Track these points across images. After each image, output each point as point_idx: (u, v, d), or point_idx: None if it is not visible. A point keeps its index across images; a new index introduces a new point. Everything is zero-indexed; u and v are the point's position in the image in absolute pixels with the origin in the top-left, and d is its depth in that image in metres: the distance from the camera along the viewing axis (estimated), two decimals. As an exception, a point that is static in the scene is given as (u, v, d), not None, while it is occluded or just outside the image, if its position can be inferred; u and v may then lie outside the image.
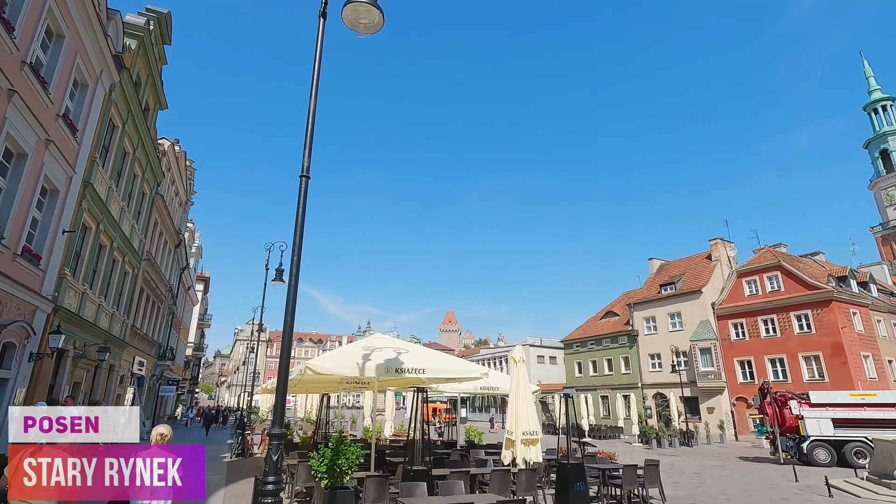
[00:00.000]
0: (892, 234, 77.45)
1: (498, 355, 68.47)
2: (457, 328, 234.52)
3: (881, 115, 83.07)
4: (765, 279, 35.08)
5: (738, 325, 35.59)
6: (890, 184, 79.10)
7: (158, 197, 23.01)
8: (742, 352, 34.90)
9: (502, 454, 10.44)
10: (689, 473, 17.44)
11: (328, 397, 16.00)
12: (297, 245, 5.40)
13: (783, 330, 33.03)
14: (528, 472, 9.52)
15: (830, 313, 30.94)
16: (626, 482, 10.49)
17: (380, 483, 7.92)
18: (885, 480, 13.41)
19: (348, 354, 9.58)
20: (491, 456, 13.36)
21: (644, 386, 40.42)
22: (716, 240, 41.01)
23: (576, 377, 47.86)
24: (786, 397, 22.84)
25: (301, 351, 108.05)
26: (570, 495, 9.58)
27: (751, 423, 33.22)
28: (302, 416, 29.52)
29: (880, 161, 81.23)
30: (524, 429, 10.07)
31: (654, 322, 40.75)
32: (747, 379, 34.32)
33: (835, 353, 30.22)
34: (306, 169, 5.61)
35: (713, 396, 35.38)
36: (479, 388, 13.67)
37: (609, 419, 42.24)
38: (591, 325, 49.57)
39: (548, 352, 62.27)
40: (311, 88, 5.89)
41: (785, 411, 22.27)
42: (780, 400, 22.67)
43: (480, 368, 9.95)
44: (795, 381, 31.70)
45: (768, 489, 14.09)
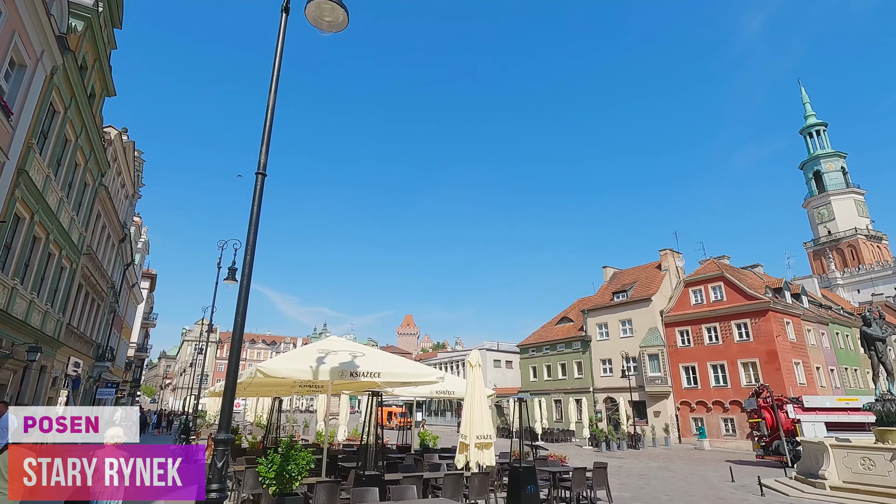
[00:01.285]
0: (821, 250, 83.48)
1: (455, 359, 68.70)
2: (415, 331, 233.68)
3: (815, 139, 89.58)
4: (709, 289, 36.93)
5: (684, 332, 37.26)
6: (821, 203, 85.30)
7: (102, 188, 21.75)
8: (687, 358, 36.56)
9: (456, 458, 10.46)
10: (635, 475, 18.06)
11: (280, 401, 15.55)
12: (251, 243, 5.24)
13: (724, 337, 34.86)
14: (480, 476, 9.59)
15: (767, 322, 32.92)
16: (575, 484, 10.75)
17: (331, 489, 7.76)
18: (810, 479, 14.35)
19: (302, 357, 9.36)
20: (445, 460, 13.36)
21: (596, 390, 41.60)
22: (665, 251, 42.84)
23: (531, 381, 48.68)
24: (782, 401, 23.72)
25: (253, 353, 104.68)
26: (522, 498, 9.72)
27: (693, 426, 34.83)
28: (252, 420, 28.56)
29: (813, 182, 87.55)
30: (478, 433, 10.14)
31: (607, 328, 42.06)
32: (691, 384, 35.97)
33: (770, 360, 32.17)
34: (263, 166, 5.46)
35: (660, 401, 36.85)
36: (436, 391, 13.66)
37: (561, 423, 43.18)
38: (546, 330, 50.59)
39: (504, 356, 63.02)
40: (270, 84, 5.75)
41: (781, 415, 23.08)
42: (777, 403, 23.52)
43: (436, 372, 9.96)
44: (734, 387, 33.53)
45: (708, 489, 14.79)
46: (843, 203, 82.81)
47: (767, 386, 26.77)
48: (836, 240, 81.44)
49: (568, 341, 45.54)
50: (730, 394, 33.65)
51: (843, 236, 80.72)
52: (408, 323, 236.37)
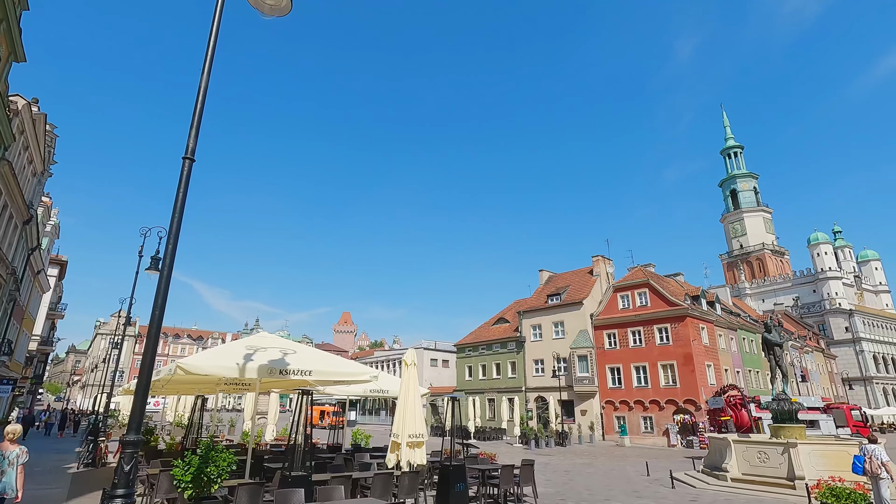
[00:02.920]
0: (734, 262, 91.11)
1: (392, 358, 68.31)
2: (352, 329, 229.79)
3: (733, 160, 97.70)
4: (636, 295, 39.17)
5: (611, 335, 39.28)
6: (735, 219, 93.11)
7: (4, 163, 19.58)
8: (613, 359, 38.58)
9: (387, 457, 10.40)
10: (560, 471, 18.79)
11: (204, 399, 14.72)
12: (175, 232, 4.92)
13: (647, 341, 37.13)
14: (411, 475, 9.58)
15: (685, 328, 35.43)
16: (503, 481, 11.01)
17: (253, 491, 7.45)
18: (715, 472, 15.61)
19: (228, 353, 8.90)
20: (376, 459, 13.26)
21: (528, 389, 42.88)
22: (598, 257, 44.96)
23: (466, 380, 49.34)
24: (744, 400, 25.32)
25: (177, 348, 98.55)
26: (451, 496, 9.82)
27: (616, 424, 36.80)
28: (172, 420, 26.82)
29: (730, 199, 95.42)
30: (411, 432, 10.13)
31: (540, 330, 43.49)
32: (616, 384, 38.00)
33: (686, 363, 34.65)
34: (191, 151, 5.14)
35: (587, 400, 38.61)
36: (369, 390, 13.50)
37: (494, 421, 44.10)
38: (483, 330, 51.49)
39: (441, 355, 63.45)
40: (203, 64, 5.43)
41: (742, 413, 24.59)
42: (739, 403, 25.11)
43: (370, 371, 9.82)
44: (654, 387, 35.80)
45: (625, 483, 15.67)
46: (754, 220, 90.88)
47: (733, 384, 28.83)
48: (747, 253, 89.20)
49: (503, 342, 46.60)
50: (650, 394, 35.90)
51: (753, 250, 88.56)
52: (345, 320, 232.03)
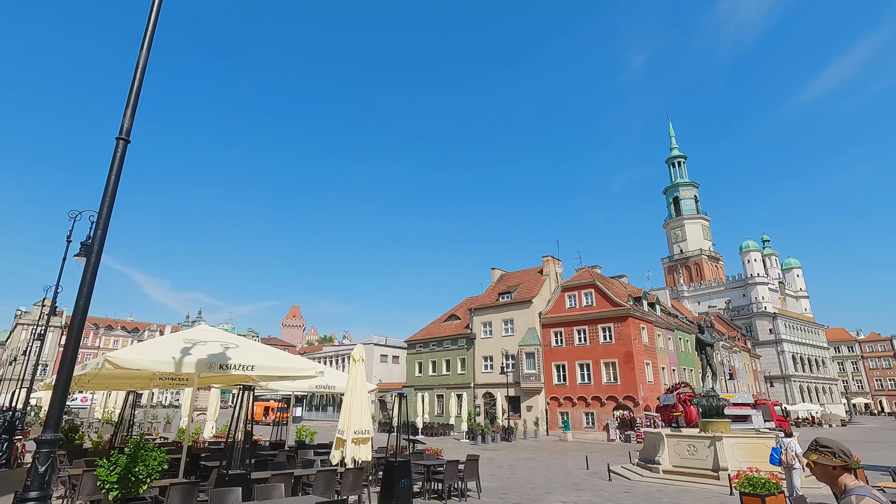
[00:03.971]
0: (674, 266, 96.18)
1: (342, 353, 67.28)
2: (301, 324, 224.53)
3: (677, 169, 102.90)
4: (582, 295, 40.51)
5: (558, 333, 40.46)
6: (677, 225, 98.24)
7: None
8: (559, 357, 39.76)
9: (331, 454, 10.26)
10: (505, 466, 19.19)
11: (136, 395, 13.92)
12: (105, 217, 4.63)
13: (591, 339, 38.52)
14: (355, 472, 9.50)
15: (627, 327, 37.02)
16: (447, 477, 11.12)
17: (187, 491, 7.13)
18: (649, 465, 16.44)
19: (164, 347, 8.45)
20: (320, 456, 13.04)
21: (476, 386, 43.46)
22: (548, 257, 46.14)
23: (416, 376, 49.37)
24: (691, 397, 26.42)
25: (109, 340, 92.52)
26: (395, 492, 9.81)
27: (560, 420, 37.99)
28: (101, 416, 25.23)
29: (673, 206, 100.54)
30: (356, 428, 10.03)
31: (491, 327, 44.16)
32: (561, 381, 39.20)
33: (626, 361, 36.23)
34: (126, 131, 4.85)
35: (533, 396, 39.60)
36: (315, 386, 13.23)
37: (442, 417, 44.41)
38: (434, 326, 51.68)
39: (392, 351, 63.15)
40: (143, 39, 5.11)
41: (690, 409, 25.65)
42: (689, 399, 26.18)
43: (316, 366, 9.63)
44: (596, 384, 37.20)
45: (566, 477, 16.22)
46: (694, 227, 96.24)
47: (683, 382, 30.31)
48: (686, 258, 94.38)
49: (454, 338, 46.97)
50: (592, 390, 37.29)
51: (691, 255, 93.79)
52: (294, 314, 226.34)
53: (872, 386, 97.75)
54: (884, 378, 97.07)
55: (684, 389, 32.53)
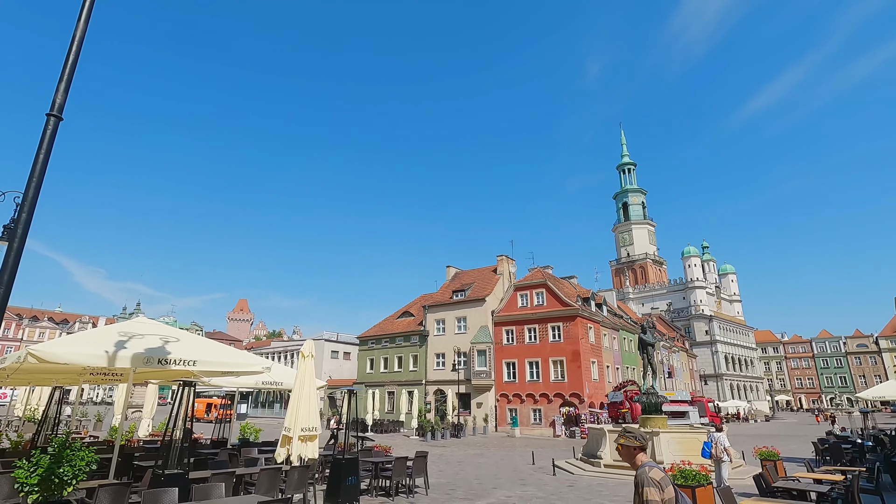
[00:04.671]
0: (621, 268, 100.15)
1: (291, 349, 65.67)
2: (249, 318, 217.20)
3: (626, 176, 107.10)
4: (534, 294, 41.45)
5: (509, 331, 41.22)
6: (625, 229, 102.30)
7: None
8: (510, 355, 40.52)
9: (277, 452, 9.99)
10: (453, 462, 19.36)
11: (63, 391, 13.00)
12: (32, 198, 4.30)
13: (541, 338, 39.50)
14: (300, 470, 9.30)
15: (575, 327, 38.22)
16: (395, 473, 11.09)
17: (117, 492, 6.74)
18: (591, 459, 17.06)
19: (95, 340, 7.92)
20: (265, 454, 12.67)
21: (427, 382, 43.58)
22: (502, 256, 46.89)
23: (367, 373, 48.92)
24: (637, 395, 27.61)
25: (34, 332, 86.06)
26: (342, 489, 9.69)
27: (508, 416, 38.74)
28: (22, 414, 23.34)
29: (622, 211, 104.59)
30: (304, 425, 9.81)
31: (444, 324, 44.40)
32: (511, 378, 39.97)
33: (574, 359, 37.41)
34: (58, 108, 4.51)
35: (483, 393, 40.16)
36: (262, 382, 12.83)
37: (393, 414, 44.28)
38: (387, 323, 51.36)
39: (343, 347, 62.27)
40: (80, 12, 4.77)
41: (636, 406, 26.64)
42: (632, 397, 27.24)
43: (263, 362, 9.32)
44: (544, 381, 38.20)
45: (512, 472, 16.56)
46: (640, 232, 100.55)
47: (630, 380, 31.65)
48: (632, 261, 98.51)
49: (407, 335, 46.87)
50: (540, 387, 38.26)
51: (637, 259, 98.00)
52: (241, 308, 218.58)
53: (793, 384, 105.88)
54: (803, 377, 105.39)
55: (631, 387, 34.06)
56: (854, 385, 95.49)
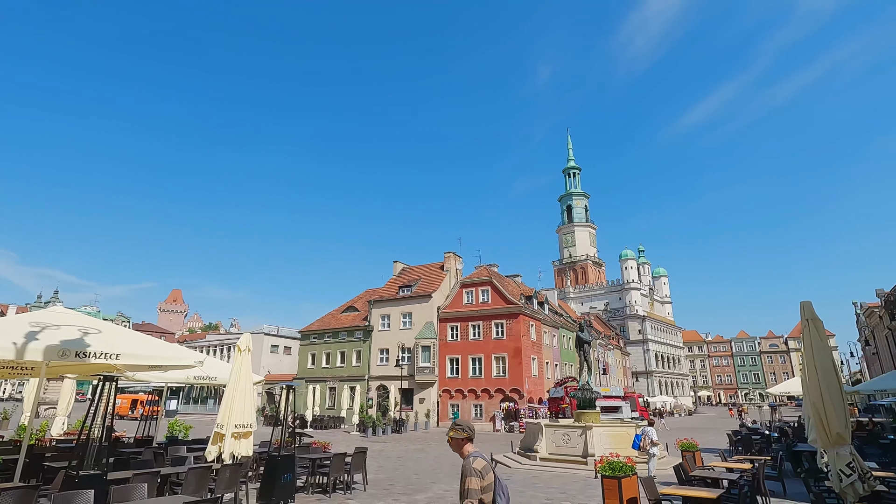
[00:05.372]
0: (563, 269, 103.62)
1: (227, 342, 62.99)
2: (182, 309, 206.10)
3: (571, 179, 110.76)
4: (479, 291, 42.07)
5: (454, 328, 41.63)
6: (568, 231, 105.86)
7: None
8: (454, 351, 40.94)
9: (207, 450, 9.57)
10: (393, 458, 19.34)
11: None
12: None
13: (485, 334, 40.20)
14: (232, 468, 8.96)
15: (517, 324, 39.18)
16: (333, 470, 10.94)
17: (23, 496, 6.21)
18: (528, 453, 17.59)
19: (1, 330, 7.23)
20: (195, 452, 12.12)
21: (370, 378, 43.22)
22: (449, 253, 47.21)
23: (308, 368, 47.80)
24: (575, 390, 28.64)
25: (-72, 321, 77.18)
26: (276, 487, 9.44)
27: (450, 411, 39.16)
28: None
29: (566, 213, 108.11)
30: (237, 421, 9.45)
31: (389, 320, 44.16)
32: (454, 374, 40.39)
33: (515, 356, 38.36)
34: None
35: (426, 389, 40.33)
36: (193, 377, 12.23)
37: (334, 409, 43.55)
38: (331, 317, 50.39)
39: (284, 341, 60.50)
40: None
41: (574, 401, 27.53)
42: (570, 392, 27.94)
43: (194, 356, 8.86)
44: (486, 377, 38.90)
45: (451, 467, 16.77)
46: (582, 234, 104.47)
47: (570, 376, 32.62)
48: (574, 262, 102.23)
49: (351, 330, 46.23)
50: (483, 383, 38.95)
51: (578, 260, 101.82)
52: (174, 299, 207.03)
53: (714, 381, 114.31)
54: (723, 374, 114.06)
55: (571, 383, 35.33)
56: (766, 381, 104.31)
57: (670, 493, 7.91)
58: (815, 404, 6.98)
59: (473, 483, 3.39)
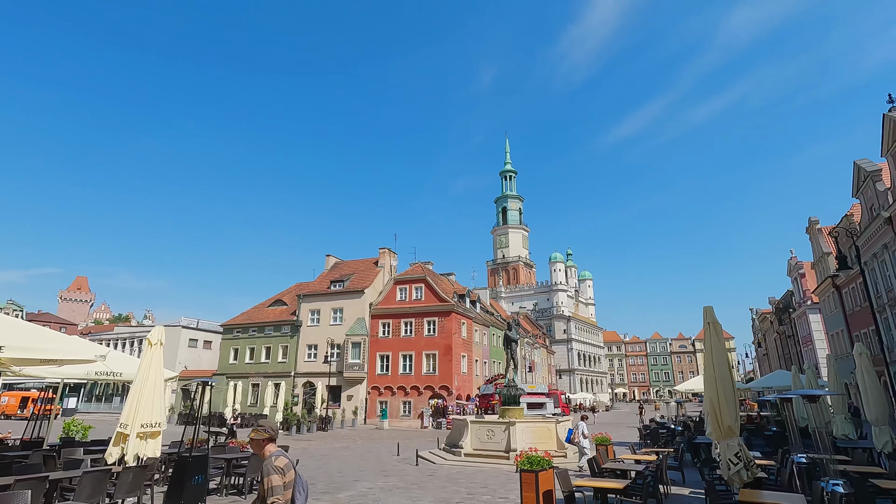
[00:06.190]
0: (496, 269, 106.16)
1: (139, 335, 58.47)
2: (88, 298, 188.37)
3: (507, 182, 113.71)
4: (413, 288, 42.07)
5: (386, 324, 41.33)
6: (502, 233, 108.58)
7: None
8: (384, 348, 40.65)
9: (108, 451, 8.81)
10: (317, 456, 18.86)
11: None
12: None
13: (417, 332, 40.27)
14: (136, 470, 8.32)
15: (449, 322, 39.61)
16: (250, 470, 10.48)
17: None
18: (453, 449, 17.83)
19: None
20: (94, 454, 11.11)
21: (297, 374, 41.89)
22: (384, 249, 46.79)
23: (230, 363, 45.46)
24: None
25: None
26: (185, 490, 8.87)
27: (378, 408, 38.86)
28: None
29: (501, 215, 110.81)
30: (144, 420, 8.79)
31: (319, 315, 43.02)
32: (384, 371, 40.12)
33: (446, 353, 38.78)
34: None
35: (354, 385, 39.74)
36: (95, 372, 11.17)
37: (256, 407, 41.71)
38: (257, 311, 48.26)
39: (204, 335, 57.11)
40: None
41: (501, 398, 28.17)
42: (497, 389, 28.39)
43: (96, 349, 8.09)
44: (417, 374, 39.01)
45: (376, 464, 16.64)
46: (516, 235, 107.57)
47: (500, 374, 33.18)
48: (507, 263, 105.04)
49: (278, 324, 44.53)
50: (412, 380, 39.00)
51: (511, 261, 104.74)
52: (79, 287, 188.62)
53: (630, 379, 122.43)
54: (638, 372, 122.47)
55: (502, 380, 36.25)
56: (674, 380, 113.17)
57: (582, 485, 8.35)
58: (712, 400, 7.66)
59: (275, 480, 3.46)
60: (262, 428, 3.77)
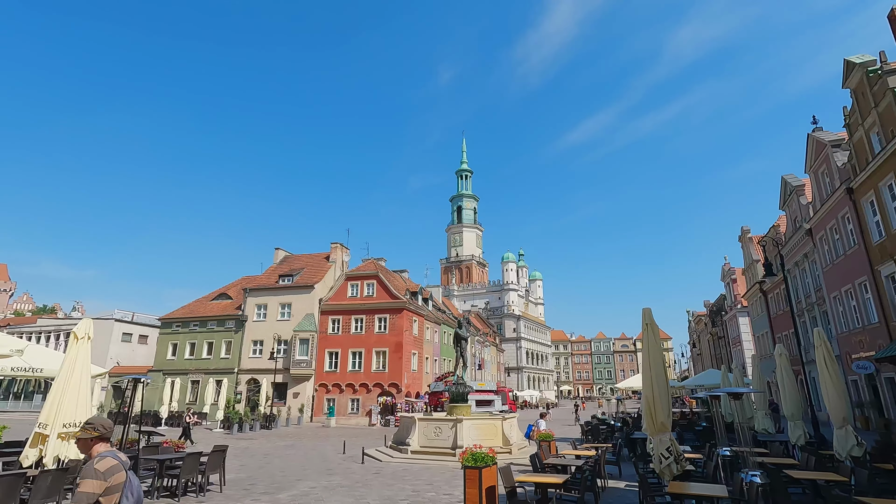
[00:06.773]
0: (450, 267, 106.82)
1: (65, 328, 54.45)
2: (8, 287, 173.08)
3: (463, 182, 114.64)
4: (365, 285, 41.58)
5: (336, 320, 40.62)
6: (457, 231, 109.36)
7: None
8: (334, 344, 39.95)
9: (23, 454, 8.18)
10: (259, 455, 18.28)
11: None
12: None
13: (367, 328, 39.85)
14: (55, 474, 7.75)
15: (401, 319, 39.45)
16: (185, 471, 10.00)
17: None
18: (401, 447, 17.78)
19: None
20: (6, 458, 10.26)
21: (240, 371, 40.44)
22: (336, 244, 45.97)
23: (167, 359, 43.22)
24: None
25: None
26: (111, 494, 8.35)
27: (325, 406, 38.16)
28: None
29: (456, 214, 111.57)
30: (67, 420, 8.20)
31: (266, 310, 41.70)
32: (332, 368, 39.44)
33: (396, 350, 38.60)
34: None
35: (301, 382, 38.82)
36: (11, 368, 10.30)
37: (196, 405, 39.91)
38: (199, 305, 46.15)
39: (140, 329, 54.06)
40: None
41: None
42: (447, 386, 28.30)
43: (12, 343, 7.49)
44: (366, 371, 38.61)
45: (321, 462, 16.33)
46: (470, 235, 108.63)
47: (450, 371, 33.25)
48: (460, 261, 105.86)
49: (221, 319, 42.78)
50: (362, 377, 38.56)
51: (464, 259, 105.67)
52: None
53: (575, 376, 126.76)
54: (583, 370, 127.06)
55: (452, 378, 36.48)
56: (616, 378, 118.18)
57: (524, 480, 8.55)
58: (648, 398, 8.05)
59: (88, 486, 3.07)
60: (90, 426, 3.38)
